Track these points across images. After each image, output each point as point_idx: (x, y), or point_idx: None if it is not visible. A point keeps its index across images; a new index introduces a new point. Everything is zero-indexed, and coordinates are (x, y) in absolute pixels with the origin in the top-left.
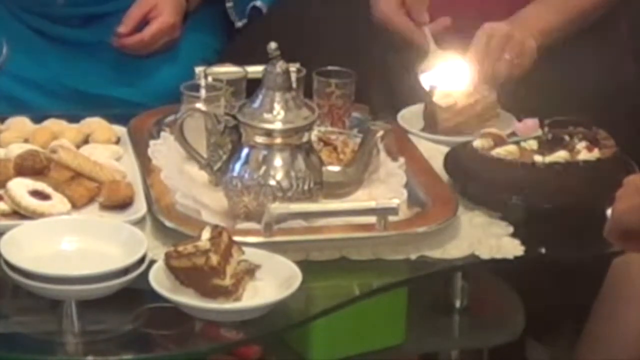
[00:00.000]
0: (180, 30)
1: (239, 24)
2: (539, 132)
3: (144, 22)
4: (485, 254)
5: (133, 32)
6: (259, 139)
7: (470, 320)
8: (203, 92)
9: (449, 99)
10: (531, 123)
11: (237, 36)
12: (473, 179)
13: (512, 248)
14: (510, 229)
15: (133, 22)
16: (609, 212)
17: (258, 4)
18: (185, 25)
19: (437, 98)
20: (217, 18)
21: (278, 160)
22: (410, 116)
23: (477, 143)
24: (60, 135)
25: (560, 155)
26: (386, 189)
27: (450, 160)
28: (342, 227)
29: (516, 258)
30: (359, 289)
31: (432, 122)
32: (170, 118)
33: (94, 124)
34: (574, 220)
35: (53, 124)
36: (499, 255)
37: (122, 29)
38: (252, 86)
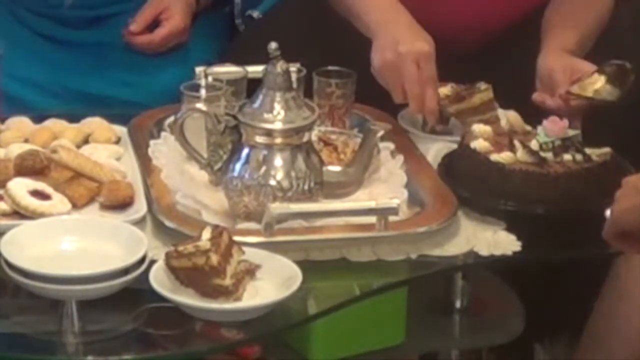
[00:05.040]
0: (189, 33)
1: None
2: (570, 133)
3: (154, 23)
4: (483, 250)
5: (144, 32)
6: (259, 139)
7: (470, 320)
8: (203, 92)
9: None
10: (562, 123)
11: (237, 36)
12: (469, 185)
13: (509, 243)
14: (505, 223)
15: (145, 22)
16: (607, 212)
17: (255, 14)
18: (191, 28)
19: None
20: (221, 22)
21: (278, 160)
22: (410, 116)
23: (476, 144)
24: (60, 135)
25: (556, 160)
26: (386, 188)
27: (445, 166)
28: (342, 227)
29: (515, 254)
30: (359, 289)
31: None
32: (171, 118)
33: (94, 124)
34: (573, 221)
35: (53, 124)
36: (497, 252)
37: (134, 27)
38: (252, 86)
